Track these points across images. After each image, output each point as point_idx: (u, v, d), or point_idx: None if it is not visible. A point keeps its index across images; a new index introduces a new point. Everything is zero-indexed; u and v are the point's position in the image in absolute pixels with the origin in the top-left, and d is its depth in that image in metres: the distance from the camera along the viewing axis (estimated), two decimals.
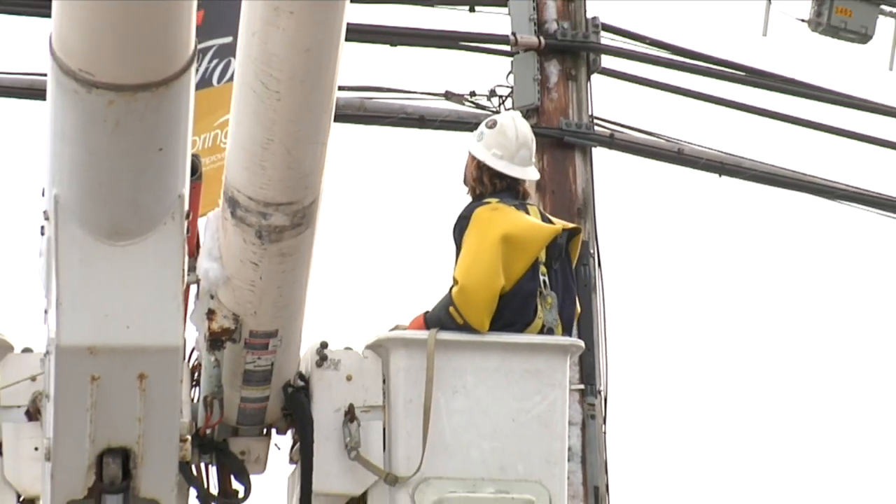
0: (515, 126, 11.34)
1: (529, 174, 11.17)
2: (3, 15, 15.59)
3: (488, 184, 11.02)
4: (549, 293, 10.67)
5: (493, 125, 11.62)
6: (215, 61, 8.63)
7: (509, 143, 11.09)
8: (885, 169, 16.80)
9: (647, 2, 19.92)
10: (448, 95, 15.05)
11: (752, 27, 16.10)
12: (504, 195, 10.92)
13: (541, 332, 10.58)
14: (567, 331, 10.82)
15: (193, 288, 9.31)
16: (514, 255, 10.60)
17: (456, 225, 10.89)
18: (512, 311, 10.48)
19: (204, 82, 7.90)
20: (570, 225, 11.72)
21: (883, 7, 16.03)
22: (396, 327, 10.68)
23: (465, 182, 11.18)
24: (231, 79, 8.66)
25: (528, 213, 10.96)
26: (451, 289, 10.58)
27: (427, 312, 10.64)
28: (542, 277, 10.68)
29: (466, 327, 10.31)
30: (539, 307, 10.61)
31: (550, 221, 11.24)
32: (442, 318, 10.47)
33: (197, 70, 7.79)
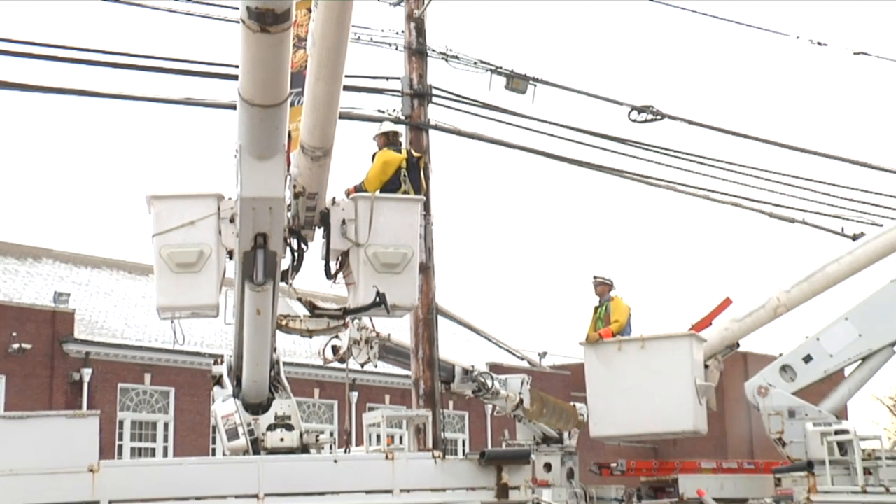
0: (390, 122, 11.50)
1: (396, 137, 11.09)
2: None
3: (382, 142, 10.97)
4: (405, 179, 10.61)
5: (382, 122, 11.86)
6: (296, 98, 8.87)
7: (385, 127, 11.16)
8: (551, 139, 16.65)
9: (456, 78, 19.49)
10: (379, 110, 14.92)
11: (483, 89, 15.82)
12: (391, 146, 10.90)
13: (404, 192, 10.51)
14: (417, 192, 10.72)
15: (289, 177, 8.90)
16: (388, 167, 10.57)
17: (372, 156, 10.85)
18: (390, 185, 10.42)
19: (292, 104, 8.11)
20: (418, 154, 11.85)
21: (531, 83, 15.53)
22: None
23: (377, 142, 11.05)
24: (301, 103, 8.78)
25: (399, 151, 10.95)
26: (363, 180, 10.57)
27: (356, 185, 10.47)
28: (402, 174, 10.62)
29: (366, 191, 10.21)
30: (402, 184, 10.53)
31: (412, 154, 11.17)
32: (359, 186, 10.45)
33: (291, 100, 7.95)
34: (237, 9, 6.96)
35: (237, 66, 7.43)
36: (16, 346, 27.88)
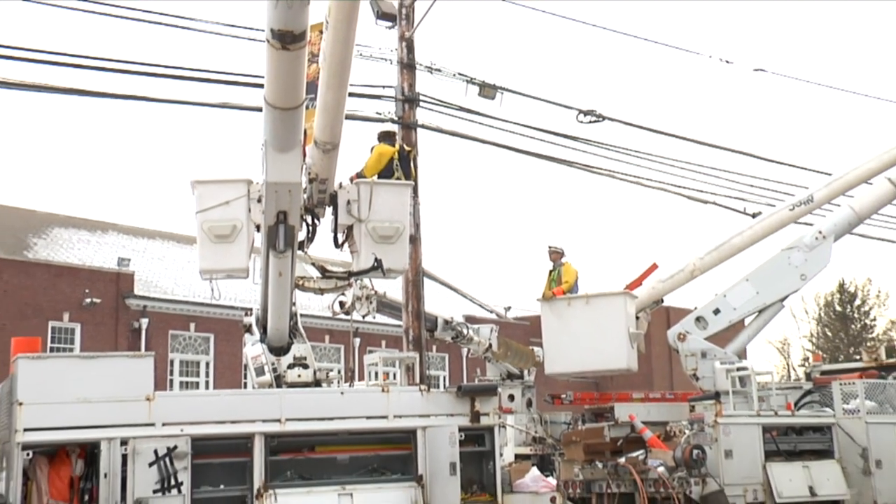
0: (390, 123, 11.33)
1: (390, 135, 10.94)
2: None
3: (379, 139, 10.81)
4: (397, 168, 10.43)
5: (382, 119, 11.69)
6: (311, 103, 8.64)
7: (385, 126, 11.08)
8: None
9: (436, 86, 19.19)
10: (377, 112, 14.74)
11: (461, 96, 15.65)
12: (385, 141, 10.74)
13: (397, 178, 10.33)
14: (407, 179, 10.56)
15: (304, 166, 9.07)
16: (382, 158, 10.36)
17: (371, 149, 10.61)
18: (385, 173, 10.22)
19: (307, 107, 7.96)
20: (409, 147, 11.68)
21: (499, 91, 15.37)
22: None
23: (378, 137, 10.92)
24: (314, 107, 8.68)
25: (393, 145, 10.76)
26: (363, 168, 10.35)
27: (357, 173, 10.24)
28: (395, 163, 10.42)
29: (366, 177, 9.99)
30: (395, 171, 10.34)
31: (403, 147, 11.00)
32: (360, 173, 10.19)
33: (306, 103, 7.87)
34: (264, 30, 6.89)
35: (263, 77, 7.39)
36: (88, 300, 27.89)
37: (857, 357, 21.27)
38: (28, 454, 7.80)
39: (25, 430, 7.71)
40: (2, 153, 63.25)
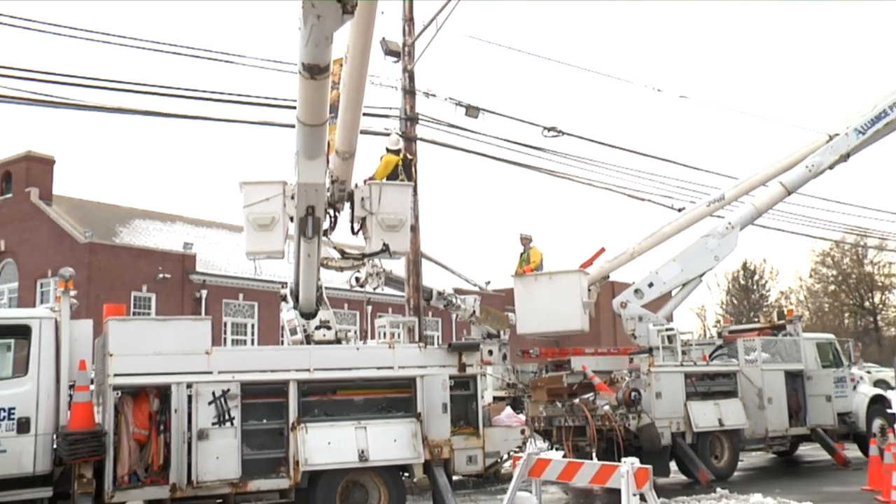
0: (394, 136, 11.14)
1: (395, 147, 10.50)
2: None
3: (386, 150, 10.61)
4: (401, 172, 10.22)
5: (390, 135, 11.53)
6: (333, 120, 8.43)
7: (391, 141, 10.64)
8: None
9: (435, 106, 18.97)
10: (385, 128, 14.57)
11: (451, 115, 15.20)
12: (391, 152, 10.49)
13: (401, 180, 10.11)
14: (409, 181, 10.34)
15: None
16: (388, 165, 10.17)
17: (380, 157, 10.42)
18: (391, 176, 10.02)
19: (330, 124, 7.78)
20: (410, 156, 11.58)
21: (481, 111, 15.04)
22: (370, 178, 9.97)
23: (386, 148, 10.73)
24: (336, 123, 8.58)
25: (398, 154, 10.48)
26: (374, 172, 10.15)
27: (370, 176, 9.99)
28: (400, 169, 10.25)
29: (376, 179, 9.77)
30: (400, 175, 10.16)
31: (406, 156, 10.77)
32: (372, 177, 10.00)
33: (329, 121, 7.74)
34: (297, 64, 6.80)
35: (295, 100, 7.30)
36: (161, 276, 27.92)
37: (756, 320, 21.40)
38: (117, 393, 7.92)
39: (115, 374, 7.83)
40: (98, 162, 62.82)
